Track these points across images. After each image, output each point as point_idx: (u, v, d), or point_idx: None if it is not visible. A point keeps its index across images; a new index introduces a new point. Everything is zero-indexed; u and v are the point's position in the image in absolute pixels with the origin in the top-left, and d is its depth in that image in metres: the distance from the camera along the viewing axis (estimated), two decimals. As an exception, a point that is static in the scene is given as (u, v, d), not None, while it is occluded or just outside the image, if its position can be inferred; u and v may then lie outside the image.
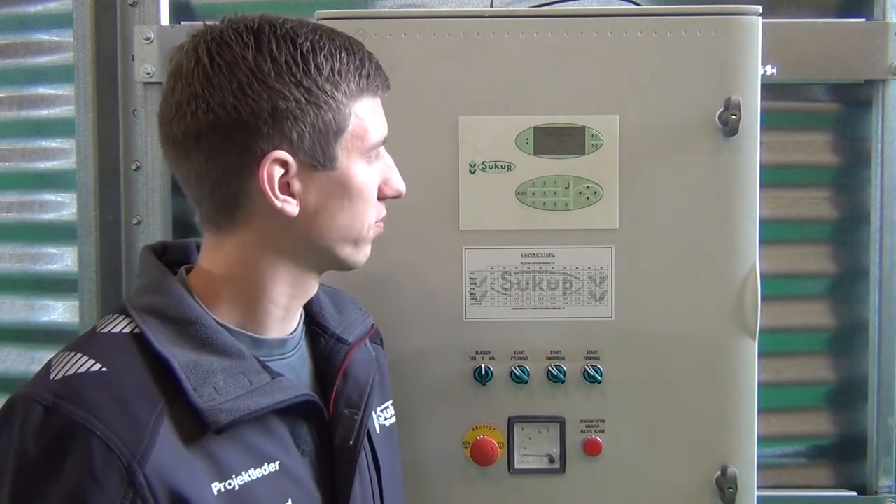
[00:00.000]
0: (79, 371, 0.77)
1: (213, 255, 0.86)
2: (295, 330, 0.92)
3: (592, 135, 1.18)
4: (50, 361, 0.80)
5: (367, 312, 1.04)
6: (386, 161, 0.91)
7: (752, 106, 1.17)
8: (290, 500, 0.84)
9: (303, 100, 0.80)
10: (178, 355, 0.79)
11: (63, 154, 1.76)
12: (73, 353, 0.79)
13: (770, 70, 1.52)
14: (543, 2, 1.41)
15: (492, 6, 1.54)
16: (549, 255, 1.19)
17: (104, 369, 0.77)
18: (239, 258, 0.85)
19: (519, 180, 1.18)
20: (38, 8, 1.77)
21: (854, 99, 1.62)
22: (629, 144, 1.17)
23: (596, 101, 1.17)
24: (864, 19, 1.58)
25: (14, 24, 1.77)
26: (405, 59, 1.17)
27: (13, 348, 1.81)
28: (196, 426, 0.78)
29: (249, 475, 0.81)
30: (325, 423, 0.90)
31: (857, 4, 1.61)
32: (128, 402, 0.76)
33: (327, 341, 0.95)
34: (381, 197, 0.90)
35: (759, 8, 1.17)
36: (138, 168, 1.65)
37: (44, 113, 1.77)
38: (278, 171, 0.81)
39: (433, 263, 1.19)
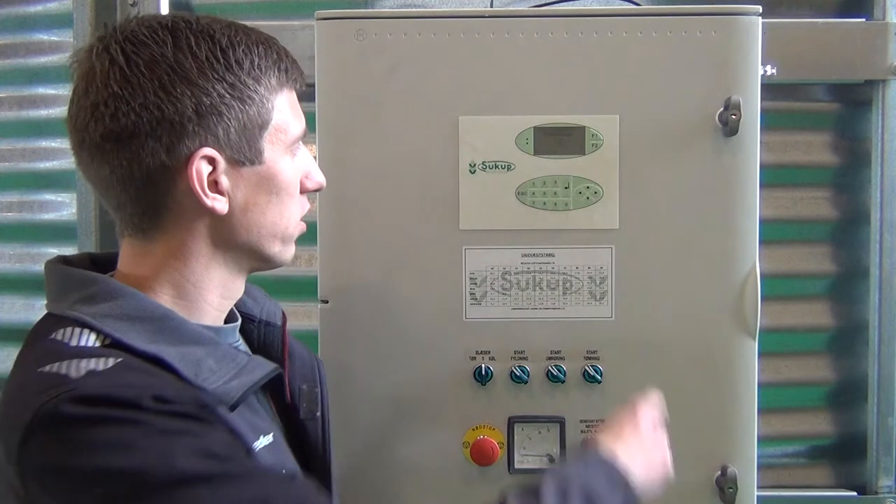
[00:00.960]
0: (106, 368, 0.73)
1: (141, 261, 0.84)
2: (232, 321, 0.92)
3: (592, 135, 1.18)
4: (51, 374, 0.73)
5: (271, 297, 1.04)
6: (305, 155, 0.90)
7: (752, 106, 1.16)
8: (284, 469, 0.85)
9: (227, 95, 0.79)
10: (165, 350, 0.78)
11: (63, 154, 1.76)
12: (70, 362, 0.74)
13: (770, 70, 1.52)
14: (543, 2, 1.41)
15: (492, 6, 1.54)
16: (549, 255, 1.19)
17: (120, 360, 0.74)
18: (171, 262, 0.83)
19: (519, 180, 1.18)
20: (38, 8, 1.77)
21: (854, 99, 1.62)
22: (629, 144, 1.17)
23: (596, 101, 1.17)
24: (864, 19, 1.59)
25: (14, 24, 1.77)
26: (405, 59, 1.17)
27: (13, 348, 1.80)
28: None
29: (256, 447, 0.82)
30: (285, 401, 0.92)
31: (857, 4, 1.61)
32: (164, 381, 0.75)
33: (257, 328, 0.96)
34: (303, 191, 0.89)
35: (759, 8, 1.17)
36: (138, 168, 1.65)
37: (44, 113, 1.78)
38: (206, 169, 0.79)
39: (433, 263, 1.19)
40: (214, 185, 0.81)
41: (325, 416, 0.97)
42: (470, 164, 1.18)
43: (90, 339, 0.77)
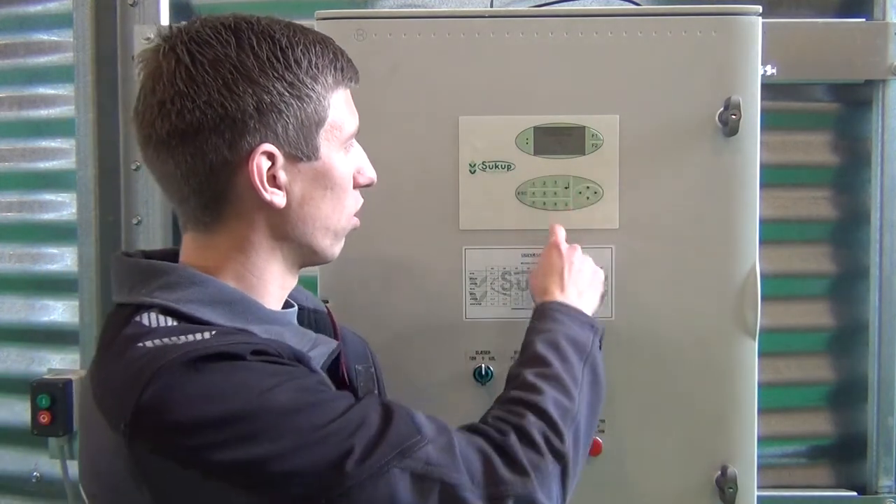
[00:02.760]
0: (209, 335, 0.78)
1: (204, 253, 0.87)
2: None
3: (592, 135, 1.18)
4: (157, 347, 0.77)
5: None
6: (358, 151, 0.93)
7: (752, 106, 1.16)
8: None
9: (286, 93, 0.82)
10: (249, 327, 0.82)
11: (63, 154, 1.77)
12: (170, 337, 0.78)
13: (770, 70, 1.52)
14: (543, 2, 1.41)
15: (492, 6, 1.54)
16: (549, 255, 1.19)
17: (215, 331, 0.79)
18: (234, 255, 0.86)
19: (519, 180, 1.18)
20: (38, 8, 1.77)
21: (854, 99, 1.62)
22: (629, 144, 1.17)
23: (596, 101, 1.17)
24: (864, 19, 1.59)
25: (14, 24, 1.77)
26: (405, 59, 1.17)
27: (13, 348, 1.81)
28: None
29: None
30: (340, 379, 0.94)
31: (857, 4, 1.61)
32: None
33: (307, 316, 0.99)
34: (356, 186, 0.92)
35: (759, 8, 1.17)
36: (138, 168, 1.66)
37: (44, 113, 1.78)
38: (265, 164, 0.82)
39: (433, 263, 1.19)
40: (273, 180, 0.83)
41: (381, 393, 1.01)
42: (470, 164, 1.18)
43: (173, 323, 0.81)
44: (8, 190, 1.80)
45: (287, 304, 0.95)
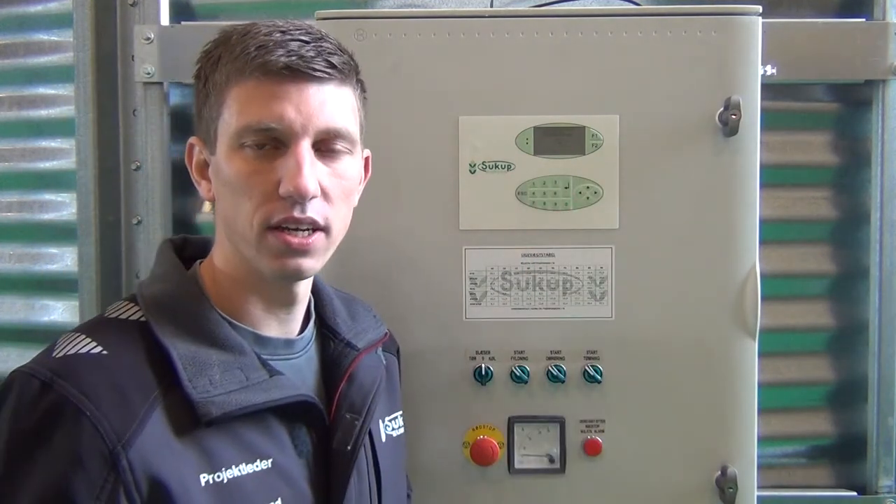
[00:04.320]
0: (79, 351, 0.79)
1: (214, 247, 0.90)
2: (302, 332, 0.92)
3: (592, 135, 1.18)
4: (56, 340, 0.82)
5: (381, 320, 1.04)
6: (289, 157, 0.81)
7: (752, 106, 1.17)
8: (279, 499, 0.83)
9: (202, 88, 0.86)
10: (179, 346, 0.81)
11: (63, 154, 1.76)
12: (78, 335, 0.81)
13: (770, 70, 1.52)
14: (543, 2, 1.41)
15: (492, 6, 1.54)
16: (549, 255, 1.19)
17: (104, 352, 0.79)
18: (215, 248, 0.90)
19: (519, 180, 1.18)
20: (38, 8, 1.77)
21: (854, 99, 1.62)
22: (629, 144, 1.17)
23: (596, 101, 1.17)
24: (864, 19, 1.59)
25: (14, 24, 1.77)
26: (405, 59, 1.17)
27: (13, 348, 1.80)
28: (189, 417, 0.78)
29: (240, 470, 0.81)
30: (325, 426, 0.89)
31: (857, 4, 1.61)
32: (122, 387, 0.77)
33: (336, 346, 0.95)
34: (269, 193, 0.82)
35: (759, 8, 1.17)
36: (138, 168, 1.65)
37: (44, 113, 1.77)
38: (196, 154, 0.89)
39: (433, 263, 1.19)
40: (205, 171, 0.88)
41: (355, 451, 0.89)
42: (470, 164, 1.18)
43: (129, 313, 0.84)
44: (8, 190, 1.80)
45: (322, 323, 0.95)
